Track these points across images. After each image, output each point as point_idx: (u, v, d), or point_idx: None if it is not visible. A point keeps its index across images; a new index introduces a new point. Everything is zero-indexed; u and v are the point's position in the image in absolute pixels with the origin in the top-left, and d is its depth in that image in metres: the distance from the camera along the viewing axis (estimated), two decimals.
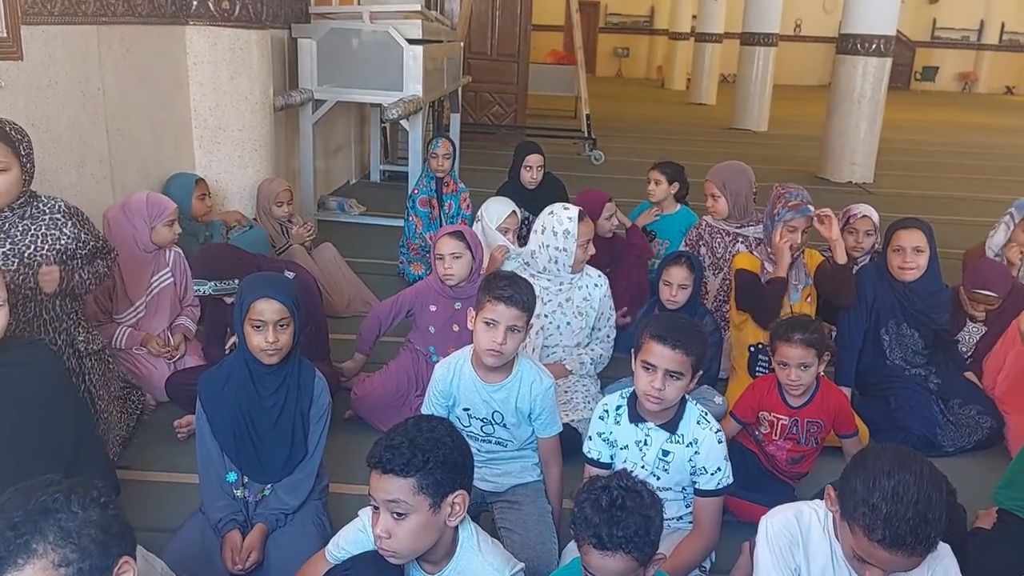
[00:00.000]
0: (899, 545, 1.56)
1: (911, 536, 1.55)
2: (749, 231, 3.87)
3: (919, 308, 3.34)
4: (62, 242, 2.66)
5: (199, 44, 4.34)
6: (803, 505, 1.90)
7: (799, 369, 2.66)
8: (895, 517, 1.56)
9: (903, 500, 1.56)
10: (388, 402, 3.21)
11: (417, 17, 6.06)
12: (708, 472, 2.22)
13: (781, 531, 1.85)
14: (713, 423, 2.25)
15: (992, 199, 7.71)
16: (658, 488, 2.26)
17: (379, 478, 1.65)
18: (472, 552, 1.78)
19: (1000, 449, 3.31)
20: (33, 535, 1.26)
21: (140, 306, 3.41)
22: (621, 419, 2.29)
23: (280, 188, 4.36)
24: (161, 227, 3.36)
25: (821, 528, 1.84)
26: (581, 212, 3.33)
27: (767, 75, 12.95)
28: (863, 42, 8.48)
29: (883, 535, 1.57)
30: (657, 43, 25.11)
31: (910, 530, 1.55)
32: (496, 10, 9.98)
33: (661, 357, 2.11)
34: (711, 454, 2.21)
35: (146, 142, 4.08)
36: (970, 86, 26.30)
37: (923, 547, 1.57)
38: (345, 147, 7.58)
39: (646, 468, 2.27)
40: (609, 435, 2.31)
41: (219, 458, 2.34)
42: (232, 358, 2.41)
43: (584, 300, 3.35)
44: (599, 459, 2.33)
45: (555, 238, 3.28)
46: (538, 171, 4.68)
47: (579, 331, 3.36)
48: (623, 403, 2.30)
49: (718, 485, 2.23)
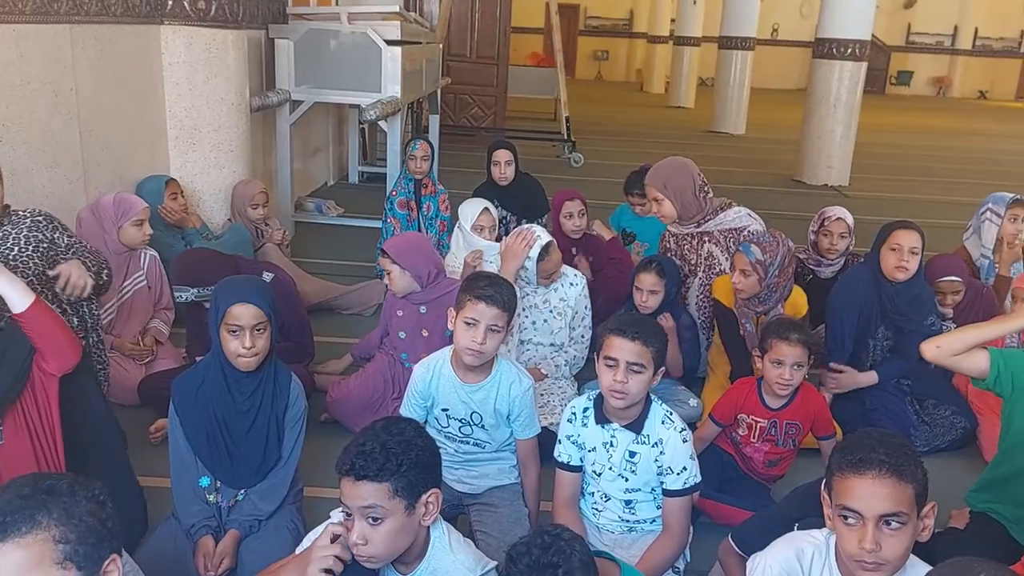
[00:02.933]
0: (865, 462, 1.56)
1: (875, 451, 1.57)
2: (711, 225, 3.69)
3: (900, 310, 3.35)
4: (44, 245, 2.63)
5: (174, 44, 4.30)
6: (803, 542, 1.78)
7: (793, 368, 2.67)
8: (865, 438, 1.61)
9: (872, 437, 1.61)
10: (364, 405, 3.20)
11: (396, 18, 6.04)
12: (674, 472, 2.21)
13: (782, 573, 1.74)
14: (678, 422, 2.24)
15: (965, 202, 7.79)
16: (628, 489, 2.28)
17: (352, 485, 1.62)
18: (444, 551, 1.77)
19: (973, 449, 3.34)
20: (39, 509, 1.31)
21: (111, 308, 3.37)
22: (588, 421, 2.29)
23: (255, 190, 4.33)
24: (129, 227, 3.33)
25: (822, 565, 1.73)
26: (544, 248, 3.33)
27: (745, 79, 13.04)
28: (839, 46, 8.56)
29: (853, 458, 1.58)
30: (636, 46, 25.21)
31: (872, 446, 1.58)
32: (476, 12, 9.99)
33: (621, 350, 2.11)
34: (676, 453, 2.20)
35: (120, 143, 4.03)
36: (944, 90, 26.61)
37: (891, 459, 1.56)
38: (323, 148, 7.54)
39: (614, 470, 2.27)
40: (577, 437, 2.30)
41: (192, 463, 2.31)
42: (206, 362, 2.37)
43: (561, 300, 3.36)
44: (569, 463, 2.31)
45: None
46: (507, 166, 4.67)
47: (558, 331, 3.37)
48: (590, 405, 2.30)
49: (684, 484, 2.22)
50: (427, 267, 3.18)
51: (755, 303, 3.33)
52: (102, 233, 3.32)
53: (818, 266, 3.99)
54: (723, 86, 13.25)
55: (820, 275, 3.95)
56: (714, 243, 3.69)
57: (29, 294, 2.11)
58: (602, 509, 2.35)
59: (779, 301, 3.34)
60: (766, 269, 3.22)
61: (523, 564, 1.54)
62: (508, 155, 4.69)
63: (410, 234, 3.67)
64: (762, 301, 3.31)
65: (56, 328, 2.17)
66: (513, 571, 1.56)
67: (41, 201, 3.45)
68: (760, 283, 3.24)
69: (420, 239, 3.47)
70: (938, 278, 3.63)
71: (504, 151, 4.70)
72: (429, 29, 8.36)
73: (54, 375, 2.16)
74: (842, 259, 3.95)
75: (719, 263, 3.69)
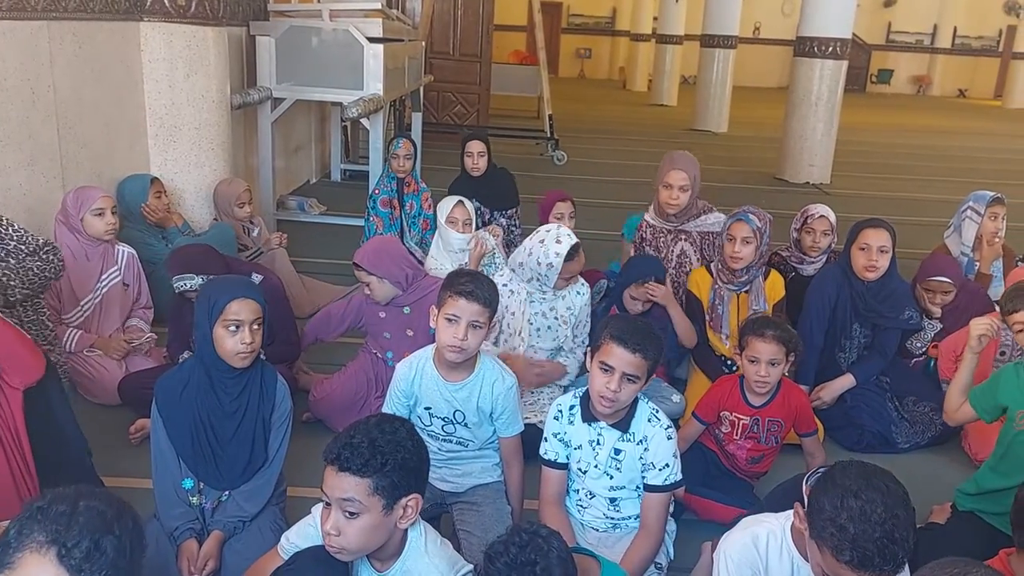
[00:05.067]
0: (867, 566, 1.54)
1: (879, 557, 1.53)
2: (691, 226, 3.84)
3: (872, 308, 3.39)
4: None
5: (154, 41, 4.26)
6: (757, 526, 1.85)
7: (769, 365, 2.67)
8: (862, 538, 1.54)
9: (870, 520, 1.54)
10: (347, 404, 3.18)
11: (378, 16, 6.02)
12: (656, 468, 2.21)
13: (741, 561, 1.81)
14: (664, 420, 2.25)
15: (946, 199, 7.86)
16: (612, 487, 2.28)
17: (334, 475, 1.63)
18: (419, 553, 1.77)
19: (954, 445, 3.37)
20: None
21: (87, 305, 3.34)
22: (575, 419, 2.29)
23: (240, 189, 4.31)
24: (90, 217, 3.32)
25: (779, 547, 1.80)
26: (574, 248, 3.18)
27: (727, 77, 13.10)
28: (820, 45, 8.61)
29: (851, 556, 1.55)
30: (619, 44, 25.26)
31: (877, 551, 1.53)
32: (458, 10, 9.96)
33: (621, 360, 2.10)
34: (660, 450, 2.21)
35: (99, 141, 3.99)
36: (924, 89, 26.85)
37: (891, 567, 1.55)
38: (305, 146, 7.50)
39: (599, 467, 2.27)
40: (564, 435, 2.30)
41: (175, 464, 2.28)
42: (191, 362, 2.34)
43: (567, 309, 3.30)
44: (556, 460, 2.31)
45: (538, 267, 3.16)
46: (479, 157, 4.66)
47: (563, 339, 3.33)
48: (576, 403, 2.30)
49: (665, 481, 2.22)
50: (403, 271, 3.14)
51: (742, 274, 3.41)
52: (73, 232, 3.34)
53: (800, 263, 4.01)
54: (705, 84, 13.30)
55: (802, 272, 3.97)
56: (690, 242, 3.83)
57: None
58: (587, 506, 2.35)
59: (759, 271, 3.46)
60: (761, 236, 3.38)
61: (501, 562, 1.55)
62: (480, 146, 4.69)
63: (376, 240, 3.53)
64: (747, 271, 3.41)
65: (17, 343, 2.15)
66: (491, 569, 1.56)
67: (19, 199, 3.42)
68: (756, 251, 3.37)
69: (388, 242, 3.39)
70: (929, 276, 3.66)
71: (476, 142, 4.71)
72: (411, 26, 8.34)
73: (18, 388, 2.13)
74: (824, 256, 3.97)
75: (691, 262, 3.84)
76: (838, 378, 3.42)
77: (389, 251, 3.20)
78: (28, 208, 3.47)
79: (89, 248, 3.38)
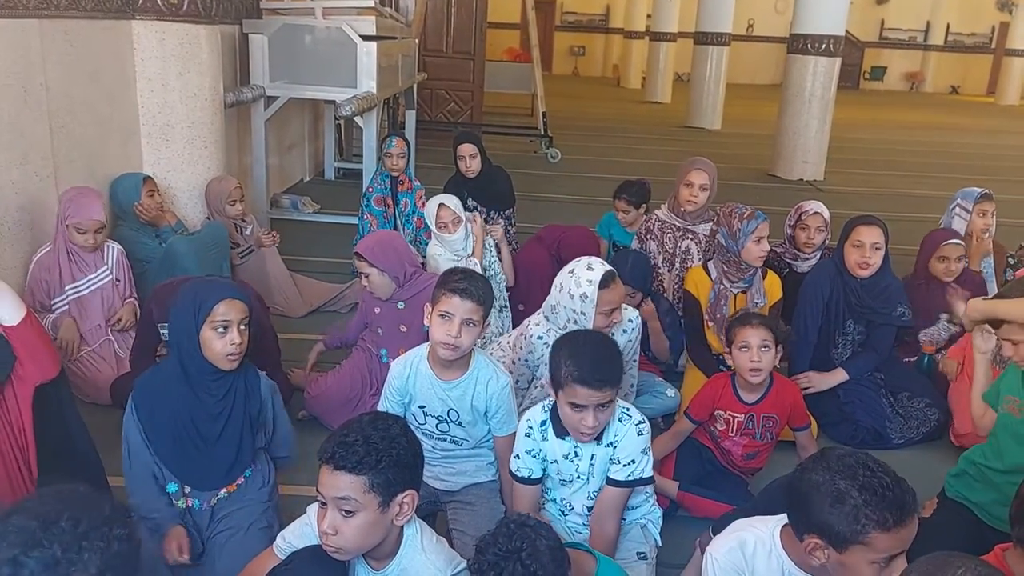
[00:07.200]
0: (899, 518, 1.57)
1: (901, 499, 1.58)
2: (699, 228, 3.93)
3: (866, 304, 3.40)
4: None
5: (147, 39, 4.24)
6: (745, 532, 1.85)
7: (760, 350, 2.67)
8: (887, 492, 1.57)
9: (880, 479, 1.58)
10: (342, 402, 3.18)
11: (371, 13, 6.00)
12: (620, 463, 2.20)
13: (727, 565, 1.81)
14: (635, 416, 2.23)
15: (938, 196, 7.87)
16: (590, 493, 2.28)
17: (330, 474, 1.63)
18: (415, 551, 1.77)
19: (947, 441, 3.38)
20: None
21: (69, 292, 3.38)
22: (547, 434, 2.26)
23: (231, 186, 4.29)
24: (73, 231, 3.35)
25: (767, 552, 1.80)
26: (609, 274, 2.74)
27: (720, 74, 13.09)
28: (813, 42, 8.63)
29: (884, 517, 1.56)
30: (613, 42, 25.27)
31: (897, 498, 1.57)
32: (452, 7, 9.95)
33: (589, 398, 2.07)
34: (627, 446, 2.20)
35: (92, 139, 3.97)
36: (917, 86, 26.91)
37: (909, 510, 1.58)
38: (299, 144, 7.49)
39: (582, 477, 2.27)
40: (538, 452, 2.27)
41: (156, 470, 2.22)
42: (169, 366, 2.25)
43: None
44: (529, 476, 2.27)
45: (572, 300, 2.74)
46: (472, 160, 4.66)
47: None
48: (546, 418, 2.26)
49: (628, 476, 2.20)
50: (404, 266, 3.15)
51: (747, 270, 3.41)
52: (64, 231, 3.37)
53: (795, 260, 4.02)
54: (699, 81, 13.30)
55: (797, 269, 3.99)
56: (695, 242, 3.90)
57: (22, 308, 2.08)
58: (567, 513, 2.35)
59: (757, 271, 3.47)
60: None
61: (490, 553, 1.56)
62: (472, 148, 4.68)
63: (381, 233, 3.55)
64: (748, 268, 3.42)
65: (41, 340, 2.15)
66: (481, 561, 1.57)
67: (11, 198, 3.40)
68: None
69: (392, 237, 3.39)
70: (941, 242, 3.74)
71: (468, 145, 4.70)
72: (405, 24, 8.32)
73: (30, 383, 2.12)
74: (819, 253, 3.98)
75: (693, 260, 3.90)
76: (831, 372, 3.44)
77: (394, 245, 3.21)
78: (20, 207, 3.46)
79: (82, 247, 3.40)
